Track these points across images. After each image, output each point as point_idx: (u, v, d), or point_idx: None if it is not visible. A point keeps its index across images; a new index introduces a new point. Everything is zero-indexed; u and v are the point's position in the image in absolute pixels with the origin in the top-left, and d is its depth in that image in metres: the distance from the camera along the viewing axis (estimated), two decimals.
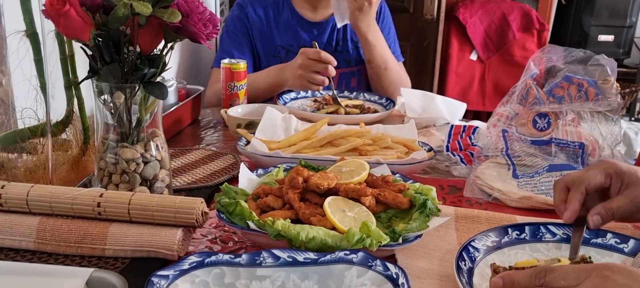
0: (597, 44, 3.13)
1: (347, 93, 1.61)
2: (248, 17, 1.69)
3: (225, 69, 1.38)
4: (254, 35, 1.69)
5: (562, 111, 0.98)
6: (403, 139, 1.08)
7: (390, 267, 0.62)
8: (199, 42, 0.74)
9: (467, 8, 2.90)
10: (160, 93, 0.74)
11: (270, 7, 1.70)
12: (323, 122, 1.11)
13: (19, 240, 0.70)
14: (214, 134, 1.31)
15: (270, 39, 1.69)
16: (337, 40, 1.72)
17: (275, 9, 1.70)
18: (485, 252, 0.71)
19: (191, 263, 0.61)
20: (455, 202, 0.93)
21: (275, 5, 1.70)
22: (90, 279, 0.59)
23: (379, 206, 0.77)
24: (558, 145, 0.97)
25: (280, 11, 1.70)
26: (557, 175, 0.93)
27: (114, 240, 0.69)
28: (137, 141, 0.78)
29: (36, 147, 0.86)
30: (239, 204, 0.72)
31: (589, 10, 3.10)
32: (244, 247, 0.77)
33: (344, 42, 1.72)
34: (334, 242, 0.67)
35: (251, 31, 1.69)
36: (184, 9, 0.71)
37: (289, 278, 0.62)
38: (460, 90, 2.96)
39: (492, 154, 1.02)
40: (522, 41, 2.88)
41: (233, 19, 1.71)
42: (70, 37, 0.74)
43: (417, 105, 1.40)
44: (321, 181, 0.76)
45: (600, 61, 0.98)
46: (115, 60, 0.72)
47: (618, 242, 0.73)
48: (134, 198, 0.71)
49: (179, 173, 1.01)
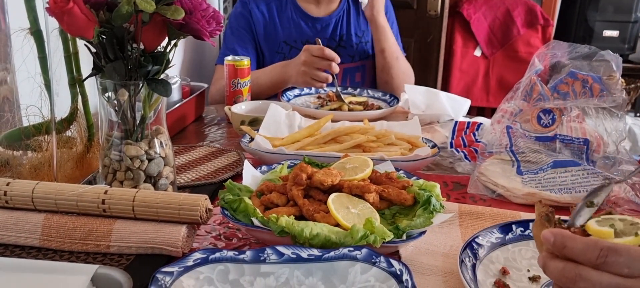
0: (602, 39, 3.11)
1: (351, 89, 1.61)
2: (251, 14, 1.69)
3: (228, 66, 1.38)
4: (257, 31, 1.69)
5: (566, 107, 0.97)
6: (407, 135, 1.08)
7: (394, 264, 0.62)
8: (202, 39, 0.74)
9: (471, 4, 2.89)
10: (164, 90, 0.74)
11: (273, 2, 1.70)
12: (327, 119, 1.11)
13: (25, 237, 0.70)
14: (217, 131, 1.32)
15: (273, 34, 1.69)
16: (341, 35, 1.72)
17: (279, 4, 1.70)
18: (489, 248, 0.71)
19: (195, 259, 0.61)
20: (459, 199, 0.93)
21: (278, 1, 1.70)
22: (95, 276, 0.59)
23: (382, 203, 0.77)
24: (562, 142, 0.96)
25: (284, 7, 1.70)
26: (562, 171, 0.93)
27: (118, 236, 0.69)
28: (141, 138, 0.78)
29: (41, 144, 0.86)
30: (243, 201, 0.73)
31: (594, 6, 3.08)
32: (248, 243, 0.77)
33: (348, 37, 1.72)
34: (337, 239, 0.67)
35: (254, 27, 1.69)
36: (187, 6, 0.71)
37: (293, 275, 0.62)
38: (464, 86, 2.95)
39: (496, 151, 1.02)
40: (527, 37, 2.87)
41: (236, 15, 1.71)
42: (74, 34, 0.74)
43: (421, 102, 1.40)
44: (325, 178, 0.76)
45: (605, 57, 0.98)
46: (119, 57, 0.72)
47: None
48: (138, 195, 0.71)
49: (183, 170, 1.01)
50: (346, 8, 1.73)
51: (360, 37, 1.74)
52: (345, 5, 1.73)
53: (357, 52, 1.74)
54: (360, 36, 1.74)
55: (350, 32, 1.73)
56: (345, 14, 1.73)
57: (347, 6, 1.73)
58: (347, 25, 1.72)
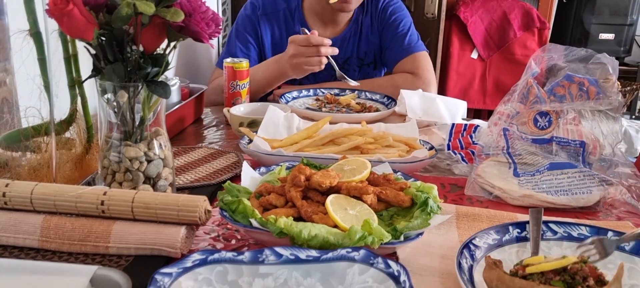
0: (598, 42, 3.13)
1: (349, 92, 1.61)
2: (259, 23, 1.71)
3: (228, 68, 1.38)
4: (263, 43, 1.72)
5: (563, 110, 0.98)
6: (404, 137, 1.09)
7: (391, 265, 0.62)
8: (201, 42, 0.74)
9: (467, 6, 2.90)
10: (163, 92, 0.75)
11: (283, 21, 1.72)
12: (325, 121, 1.12)
13: (23, 238, 0.70)
14: (216, 133, 1.32)
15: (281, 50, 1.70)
16: (345, 58, 1.75)
17: (286, 23, 1.72)
18: (486, 249, 0.71)
19: (194, 261, 0.61)
20: (456, 200, 0.94)
21: (286, 19, 1.72)
22: (94, 277, 0.59)
23: (380, 204, 0.78)
24: (559, 144, 0.97)
25: (291, 26, 1.72)
26: (558, 173, 0.93)
27: (117, 237, 0.70)
28: (140, 140, 0.78)
29: (40, 145, 0.86)
30: (241, 202, 0.73)
31: (590, 9, 3.10)
32: (247, 244, 0.77)
33: (352, 60, 1.76)
34: (336, 240, 0.67)
35: (262, 38, 1.71)
36: (186, 8, 0.71)
37: (291, 276, 0.63)
38: (461, 88, 2.95)
39: (493, 153, 1.02)
40: (523, 39, 2.88)
41: (244, 19, 1.73)
42: (74, 36, 0.74)
43: (418, 107, 1.40)
44: (323, 179, 0.76)
45: (601, 60, 0.98)
46: (119, 59, 0.73)
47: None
48: (137, 197, 0.71)
49: (182, 172, 1.01)
50: (353, 32, 1.76)
51: (363, 60, 1.77)
52: (352, 29, 1.76)
53: (360, 75, 1.77)
54: (362, 59, 1.77)
55: (354, 56, 1.76)
56: (351, 37, 1.76)
57: (354, 30, 1.76)
58: (351, 48, 1.76)
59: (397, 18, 1.75)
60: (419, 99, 1.42)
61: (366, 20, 1.76)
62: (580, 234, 0.75)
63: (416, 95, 1.43)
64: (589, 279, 0.62)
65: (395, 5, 1.78)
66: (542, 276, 0.62)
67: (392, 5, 1.77)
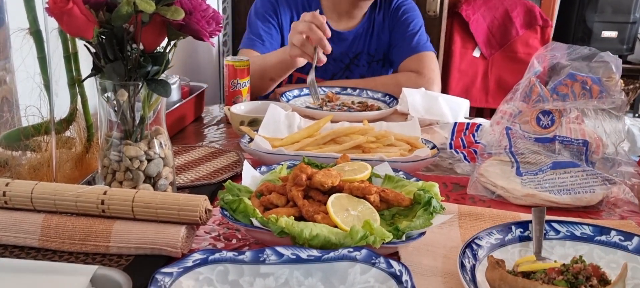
0: (601, 40, 3.11)
1: (350, 90, 1.61)
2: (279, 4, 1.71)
3: (228, 66, 1.38)
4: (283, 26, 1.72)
5: (565, 109, 0.97)
6: (406, 136, 1.08)
7: (393, 264, 0.62)
8: (202, 40, 0.74)
9: (469, 5, 2.89)
10: (163, 90, 0.74)
11: (301, 7, 1.72)
12: (326, 120, 1.11)
13: (24, 238, 0.70)
14: (217, 131, 1.31)
15: None
16: (356, 53, 1.75)
17: (304, 9, 1.71)
18: (488, 249, 0.71)
19: (195, 260, 0.61)
20: (458, 200, 0.93)
21: (304, 6, 1.73)
22: (94, 276, 0.59)
23: (382, 204, 0.77)
24: (562, 143, 0.97)
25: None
26: (561, 172, 0.93)
27: (118, 237, 0.69)
28: (140, 138, 0.78)
29: (40, 144, 0.86)
30: (242, 201, 0.72)
31: (593, 7, 3.09)
32: (248, 244, 0.77)
33: (362, 56, 1.77)
34: (337, 240, 0.67)
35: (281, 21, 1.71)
36: (187, 6, 0.71)
37: (293, 276, 0.62)
38: (463, 87, 2.95)
39: (495, 152, 1.02)
40: (526, 38, 2.87)
41: (263, 1, 1.72)
42: (74, 34, 0.74)
43: (420, 106, 1.39)
44: (325, 179, 0.76)
45: (604, 58, 0.98)
46: (119, 57, 0.72)
47: (622, 240, 0.73)
48: (137, 196, 0.71)
49: (183, 171, 1.01)
50: (365, 28, 1.76)
51: (373, 56, 1.78)
52: (365, 25, 1.76)
53: (368, 72, 1.78)
54: (372, 55, 1.78)
55: (364, 52, 1.77)
56: (364, 33, 1.76)
57: (366, 26, 1.76)
58: (363, 44, 1.76)
59: (408, 17, 1.76)
60: (421, 98, 1.41)
61: (379, 18, 1.77)
62: (583, 233, 0.75)
63: (418, 93, 1.42)
64: (592, 279, 0.61)
65: (408, 5, 1.79)
66: (545, 275, 0.62)
67: (405, 5, 1.78)
